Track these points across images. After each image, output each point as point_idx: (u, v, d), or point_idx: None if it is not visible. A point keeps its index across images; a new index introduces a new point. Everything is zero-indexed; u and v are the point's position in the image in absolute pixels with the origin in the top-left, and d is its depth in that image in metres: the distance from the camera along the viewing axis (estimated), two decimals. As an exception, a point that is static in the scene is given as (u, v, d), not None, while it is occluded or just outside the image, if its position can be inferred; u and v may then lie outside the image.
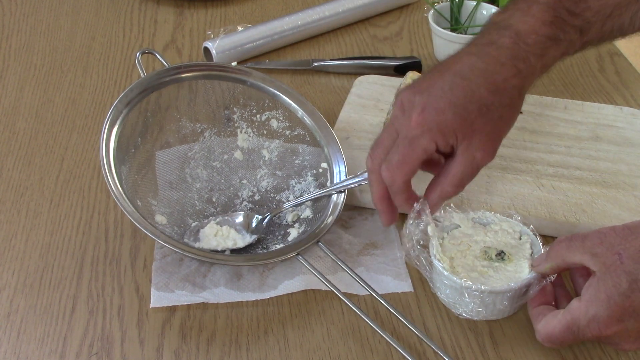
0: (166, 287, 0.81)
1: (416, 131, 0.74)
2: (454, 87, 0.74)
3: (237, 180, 0.93)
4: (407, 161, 0.75)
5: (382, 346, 0.76)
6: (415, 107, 0.75)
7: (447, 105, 0.74)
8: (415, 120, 0.74)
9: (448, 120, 0.74)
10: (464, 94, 0.74)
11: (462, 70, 0.75)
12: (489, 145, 0.76)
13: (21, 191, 0.96)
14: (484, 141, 0.75)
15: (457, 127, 0.74)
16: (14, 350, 0.77)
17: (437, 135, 0.74)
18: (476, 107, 0.74)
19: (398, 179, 0.76)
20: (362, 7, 1.29)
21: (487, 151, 0.76)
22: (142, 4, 1.36)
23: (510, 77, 0.75)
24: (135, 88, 0.89)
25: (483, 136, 0.75)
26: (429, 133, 0.74)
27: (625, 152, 0.96)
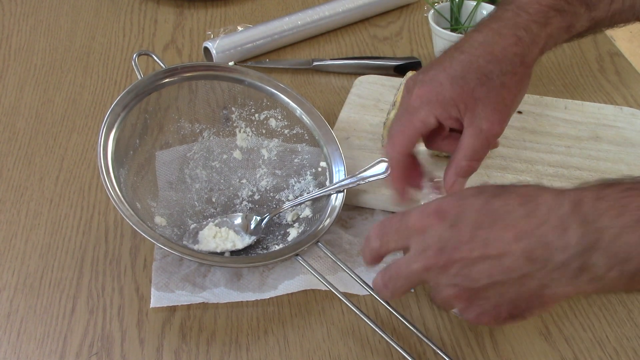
0: (166, 287, 0.81)
1: (415, 103, 0.76)
2: (453, 61, 0.76)
3: (237, 180, 0.93)
4: (404, 132, 0.76)
5: (382, 346, 0.76)
6: (416, 84, 0.76)
7: (445, 78, 0.75)
8: (416, 93, 0.76)
9: (446, 91, 0.74)
10: (461, 66, 0.75)
11: (461, 46, 0.77)
12: (494, 115, 0.75)
13: (21, 191, 0.96)
14: (488, 110, 0.75)
15: (456, 97, 0.74)
16: (14, 350, 0.77)
17: (435, 107, 0.75)
18: (475, 76, 0.74)
19: (395, 149, 0.77)
20: (362, 7, 1.28)
21: (493, 120, 0.75)
22: (142, 4, 1.36)
23: (509, 46, 0.75)
24: (132, 90, 0.89)
25: (487, 105, 0.75)
26: (428, 105, 0.75)
27: (625, 152, 0.96)
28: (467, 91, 0.74)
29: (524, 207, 0.61)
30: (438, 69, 0.76)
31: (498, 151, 0.96)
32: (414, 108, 0.76)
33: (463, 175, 0.77)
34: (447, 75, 0.75)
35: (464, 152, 0.76)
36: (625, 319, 0.79)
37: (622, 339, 0.77)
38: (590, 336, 0.77)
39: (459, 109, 0.75)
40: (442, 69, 0.76)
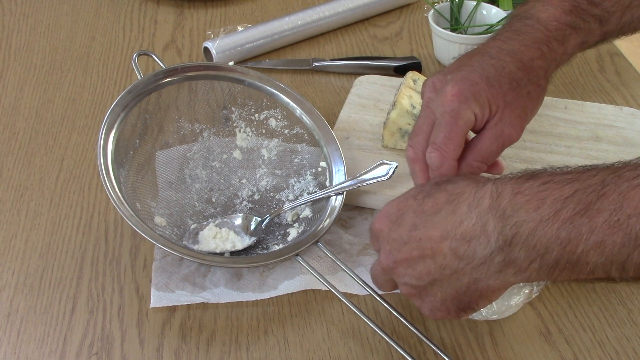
0: (166, 287, 0.81)
1: (454, 103, 0.74)
2: (484, 64, 0.76)
3: (237, 180, 0.93)
4: (453, 136, 0.74)
5: (382, 346, 0.76)
6: (448, 83, 0.75)
7: (480, 78, 0.75)
8: (451, 93, 0.74)
9: (482, 90, 0.74)
10: (494, 69, 0.75)
11: (490, 52, 0.77)
12: (517, 122, 0.76)
13: (21, 191, 0.96)
14: (513, 116, 0.75)
15: (491, 98, 0.74)
16: (14, 351, 0.77)
17: (474, 105, 0.74)
18: (507, 80, 0.75)
19: (448, 157, 0.74)
20: (362, 7, 1.28)
21: (516, 128, 0.76)
22: (142, 4, 1.36)
23: (535, 58, 0.77)
24: (131, 90, 0.89)
25: (513, 111, 0.75)
26: (467, 103, 0.74)
27: (625, 152, 0.96)
28: (500, 94, 0.75)
29: (449, 205, 0.63)
30: (468, 70, 0.76)
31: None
32: (455, 110, 0.74)
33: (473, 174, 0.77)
34: (481, 76, 0.75)
35: (478, 153, 0.76)
36: (625, 319, 0.79)
37: (622, 339, 0.77)
38: (590, 336, 0.77)
39: (491, 110, 0.75)
40: (472, 70, 0.76)
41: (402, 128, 0.95)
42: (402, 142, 0.96)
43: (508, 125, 0.75)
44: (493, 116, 0.75)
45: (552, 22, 0.78)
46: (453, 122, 0.74)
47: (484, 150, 0.76)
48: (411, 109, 0.94)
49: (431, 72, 1.17)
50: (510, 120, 0.75)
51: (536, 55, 0.77)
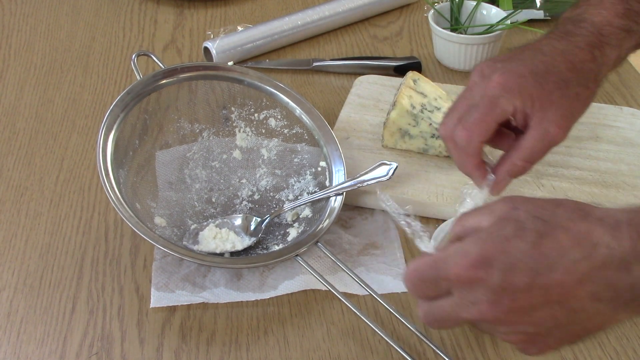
0: (166, 287, 0.81)
1: (496, 90, 0.73)
2: (535, 59, 0.75)
3: (237, 180, 0.93)
4: (485, 120, 0.73)
5: (382, 346, 0.76)
6: (496, 71, 0.75)
7: (528, 72, 0.74)
8: (497, 80, 0.74)
9: (529, 85, 0.73)
10: (544, 66, 0.75)
11: (542, 48, 0.77)
12: (563, 122, 0.74)
13: (21, 191, 0.96)
14: (559, 116, 0.74)
15: (535, 94, 0.73)
16: (14, 351, 0.77)
17: (516, 97, 0.73)
18: (555, 79, 0.74)
19: (474, 138, 0.74)
20: (362, 7, 1.28)
21: (561, 127, 0.74)
22: (142, 4, 1.36)
23: (586, 61, 0.76)
24: (131, 91, 0.89)
25: (559, 110, 0.74)
26: (509, 93, 0.73)
27: (625, 152, 0.96)
28: (546, 91, 0.74)
29: (580, 248, 0.57)
30: (518, 63, 0.75)
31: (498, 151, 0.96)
32: (494, 96, 0.73)
33: (514, 175, 0.76)
34: (530, 71, 0.74)
35: (523, 153, 0.75)
36: (625, 319, 0.79)
37: (622, 339, 0.77)
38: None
39: (534, 106, 0.74)
40: (522, 63, 0.75)
41: (402, 128, 0.95)
42: (402, 142, 0.96)
43: (553, 124, 0.74)
44: (536, 112, 0.74)
45: (605, 27, 0.77)
46: (489, 108, 0.73)
47: (529, 150, 0.75)
48: (411, 109, 0.94)
49: (431, 72, 1.17)
50: (556, 119, 0.74)
51: (588, 58, 0.76)
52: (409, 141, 0.96)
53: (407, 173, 0.93)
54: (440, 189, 0.91)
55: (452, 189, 0.91)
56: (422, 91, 0.96)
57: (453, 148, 0.76)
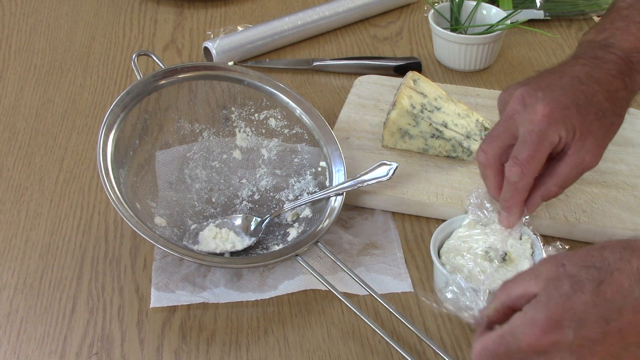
0: (166, 287, 0.81)
1: (543, 124, 0.74)
2: (575, 89, 0.76)
3: (237, 180, 0.93)
4: (537, 157, 0.75)
5: (382, 346, 0.76)
6: (539, 101, 0.75)
7: (571, 103, 0.75)
8: (542, 112, 0.74)
9: (572, 116, 0.75)
10: (585, 96, 0.76)
11: (580, 76, 0.77)
12: (598, 150, 0.77)
13: (21, 191, 0.96)
14: (595, 145, 0.76)
15: (577, 125, 0.75)
16: (14, 351, 0.77)
17: (562, 128, 0.74)
18: (595, 110, 0.76)
19: (528, 175, 0.75)
20: (362, 7, 1.28)
21: (596, 155, 0.76)
22: (142, 4, 1.36)
23: (620, 89, 0.77)
24: (131, 91, 0.89)
25: (595, 140, 0.76)
26: (556, 126, 0.74)
27: (625, 152, 0.96)
28: (586, 122, 0.75)
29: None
30: (560, 92, 0.76)
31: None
32: (543, 130, 0.74)
33: (547, 199, 0.78)
34: (572, 102, 0.75)
35: (558, 179, 0.77)
36: (625, 319, 0.79)
37: (622, 339, 0.77)
38: (590, 336, 0.77)
39: (575, 136, 0.75)
40: (564, 93, 0.76)
41: (402, 128, 0.95)
42: (402, 142, 0.96)
43: (589, 153, 0.76)
44: (575, 142, 0.76)
45: (634, 54, 0.79)
46: (539, 142, 0.74)
47: (564, 176, 0.77)
48: (411, 108, 0.94)
49: (431, 72, 1.17)
50: (592, 148, 0.76)
51: (621, 86, 0.78)
52: (409, 141, 0.96)
53: (407, 173, 0.93)
54: (440, 189, 0.91)
55: (452, 189, 0.91)
56: (422, 91, 0.96)
57: (492, 175, 0.78)
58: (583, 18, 1.28)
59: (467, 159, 0.95)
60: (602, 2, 1.28)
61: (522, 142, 0.75)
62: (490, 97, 1.06)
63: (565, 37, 1.24)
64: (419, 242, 0.88)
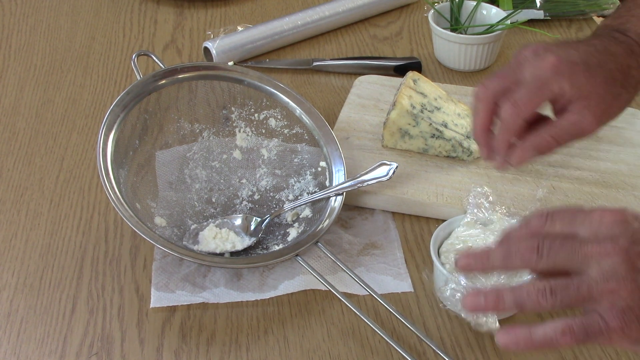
0: (166, 287, 0.81)
1: (549, 72, 0.75)
2: (589, 54, 0.77)
3: (237, 180, 0.93)
4: (534, 100, 0.76)
5: (382, 346, 0.76)
6: (551, 53, 0.76)
7: (582, 62, 0.76)
8: (551, 62, 0.75)
9: (580, 72, 0.75)
10: (597, 61, 0.77)
11: (597, 46, 0.79)
12: (600, 115, 0.76)
13: (21, 191, 0.96)
14: (598, 108, 0.76)
15: (583, 83, 0.75)
16: (14, 351, 0.77)
17: (566, 82, 0.75)
18: (604, 74, 0.76)
19: (521, 115, 0.76)
20: (362, 7, 1.28)
21: (596, 118, 0.76)
22: (142, 4, 1.36)
23: (632, 68, 0.78)
24: (131, 91, 0.89)
25: (600, 103, 0.76)
26: (561, 77, 0.75)
27: (625, 152, 0.96)
28: (593, 83, 0.76)
29: None
30: (573, 52, 0.77)
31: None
32: (546, 77, 0.75)
33: (538, 148, 0.77)
34: (584, 61, 0.76)
35: (553, 129, 0.76)
36: (625, 319, 0.79)
37: (622, 339, 0.77)
38: (590, 336, 0.77)
39: (580, 93, 0.75)
40: (577, 53, 0.77)
41: (402, 128, 0.95)
42: (402, 142, 0.96)
43: (590, 114, 0.76)
44: (580, 100, 0.76)
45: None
46: (540, 87, 0.75)
47: (560, 129, 0.76)
48: (411, 108, 0.94)
49: (431, 72, 1.17)
50: (595, 111, 0.76)
51: (634, 65, 0.78)
52: (409, 141, 0.96)
53: (407, 173, 0.93)
54: (440, 189, 0.91)
55: (452, 189, 0.91)
56: (422, 91, 0.97)
57: (483, 111, 0.78)
58: (583, 18, 1.28)
59: (467, 159, 0.95)
60: (602, 2, 1.28)
61: (524, 84, 0.76)
62: (490, 97, 1.06)
63: (565, 37, 1.24)
64: (419, 242, 0.88)
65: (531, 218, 0.63)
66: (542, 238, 0.61)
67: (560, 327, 0.59)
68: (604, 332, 0.58)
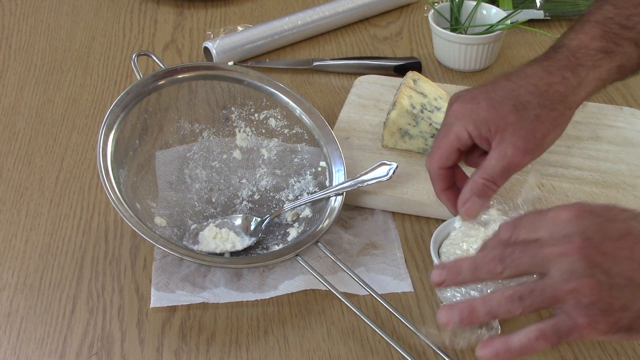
0: (166, 287, 0.81)
1: (452, 119, 0.79)
2: (496, 86, 0.79)
3: (237, 180, 0.93)
4: (440, 146, 0.80)
5: (382, 346, 0.76)
6: (457, 100, 0.80)
7: (484, 98, 0.78)
8: (453, 109, 0.80)
9: (481, 110, 0.78)
10: (503, 92, 0.78)
11: (510, 74, 0.80)
12: (520, 143, 0.77)
13: (21, 191, 0.96)
14: (516, 137, 0.77)
15: (489, 118, 0.77)
16: (14, 351, 0.77)
17: (469, 123, 0.78)
18: (511, 103, 0.77)
19: (433, 163, 0.81)
20: (362, 7, 1.28)
21: (518, 148, 0.77)
22: (142, 4, 1.36)
23: (554, 83, 0.78)
24: (131, 91, 0.89)
25: (516, 132, 0.77)
26: (462, 120, 0.78)
27: (625, 152, 0.96)
28: (501, 115, 0.77)
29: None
30: (481, 91, 0.80)
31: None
32: (450, 124, 0.79)
33: (477, 193, 0.78)
34: (487, 97, 0.78)
35: (482, 171, 0.78)
36: (625, 319, 0.79)
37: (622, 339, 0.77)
38: (590, 336, 0.77)
39: (490, 129, 0.77)
40: (484, 92, 0.79)
41: (402, 128, 0.95)
42: (402, 142, 0.96)
43: (511, 146, 0.77)
44: (496, 135, 0.77)
45: (580, 49, 0.80)
46: (444, 135, 0.80)
47: (487, 169, 0.78)
48: (411, 108, 0.94)
49: (431, 72, 1.17)
50: (514, 141, 0.77)
51: (556, 80, 0.78)
52: (409, 141, 0.96)
53: (407, 173, 0.93)
54: (440, 189, 0.91)
55: (452, 189, 0.91)
56: (422, 91, 0.97)
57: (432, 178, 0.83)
58: (583, 18, 1.28)
59: (467, 159, 0.95)
60: (602, 2, 1.28)
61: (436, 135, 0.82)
62: (490, 97, 1.06)
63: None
64: (419, 242, 0.88)
65: (500, 228, 0.66)
66: (504, 247, 0.63)
67: (533, 333, 0.62)
68: (573, 330, 0.60)
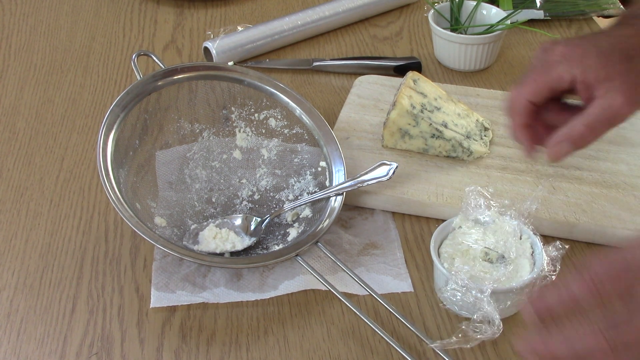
0: (166, 287, 0.81)
1: (555, 58, 0.75)
2: (599, 39, 0.76)
3: (237, 180, 0.93)
4: (537, 80, 0.75)
5: (382, 346, 0.76)
6: (560, 44, 0.76)
7: (592, 46, 0.75)
8: (558, 50, 0.76)
9: (592, 55, 0.74)
10: (608, 44, 0.75)
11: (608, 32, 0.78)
12: (630, 93, 0.73)
13: (21, 191, 0.96)
14: (626, 87, 0.73)
15: (599, 66, 0.74)
16: (14, 351, 0.77)
17: (576, 66, 0.74)
18: (619, 54, 0.74)
19: (521, 95, 0.75)
20: (362, 7, 1.28)
21: (629, 97, 0.73)
22: (142, 4, 1.36)
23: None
24: (131, 91, 0.89)
25: (625, 82, 0.73)
26: (569, 62, 0.74)
27: (625, 152, 0.96)
28: (611, 63, 0.74)
29: None
30: (582, 40, 0.76)
31: (498, 151, 0.96)
32: (553, 62, 0.75)
33: (572, 139, 0.75)
34: (594, 46, 0.75)
35: (585, 118, 0.74)
36: (625, 319, 0.79)
37: (622, 339, 0.77)
38: (590, 336, 0.77)
39: (599, 76, 0.73)
40: (585, 41, 0.76)
41: (402, 128, 0.95)
42: (402, 142, 0.96)
43: (620, 94, 0.73)
44: (602, 83, 0.73)
45: None
46: (544, 71, 0.75)
47: (591, 116, 0.74)
48: (411, 109, 0.94)
49: (431, 72, 1.17)
50: (624, 88, 0.73)
51: None
52: (409, 141, 0.96)
53: (407, 173, 0.93)
54: (440, 189, 0.91)
55: (452, 189, 0.91)
56: (422, 91, 0.97)
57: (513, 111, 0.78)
58: (583, 18, 1.28)
59: (467, 159, 0.95)
60: (602, 2, 1.28)
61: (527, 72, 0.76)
62: (490, 97, 1.06)
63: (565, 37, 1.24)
64: (419, 242, 0.88)
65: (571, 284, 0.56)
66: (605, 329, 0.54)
67: None
68: None
